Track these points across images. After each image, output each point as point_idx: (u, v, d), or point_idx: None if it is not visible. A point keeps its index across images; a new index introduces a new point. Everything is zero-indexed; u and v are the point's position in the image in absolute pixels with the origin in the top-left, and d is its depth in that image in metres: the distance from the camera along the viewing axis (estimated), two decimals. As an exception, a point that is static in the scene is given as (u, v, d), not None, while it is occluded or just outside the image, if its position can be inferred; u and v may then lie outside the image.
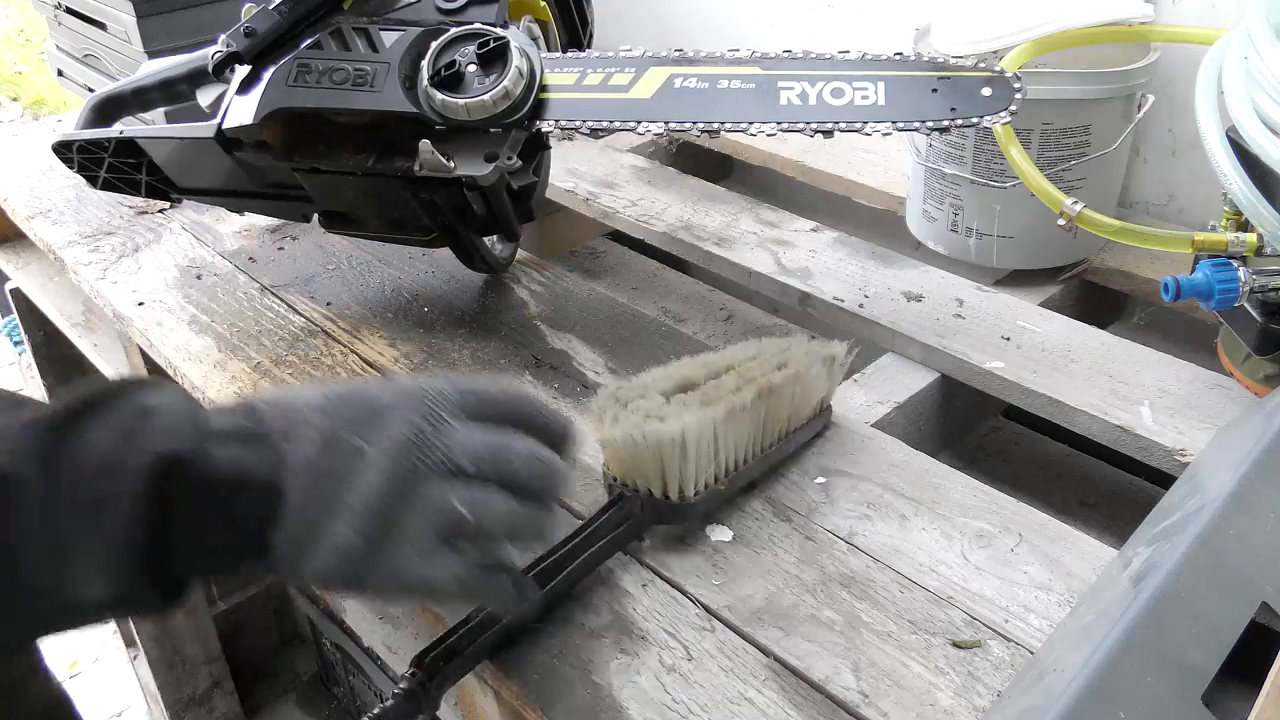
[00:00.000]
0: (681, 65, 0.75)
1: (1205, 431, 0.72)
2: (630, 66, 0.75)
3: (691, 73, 0.74)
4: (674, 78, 0.74)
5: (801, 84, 0.73)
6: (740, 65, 0.74)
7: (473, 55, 0.74)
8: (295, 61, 0.77)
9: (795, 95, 0.73)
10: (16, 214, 1.14)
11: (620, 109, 0.74)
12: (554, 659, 0.57)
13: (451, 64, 0.74)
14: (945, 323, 0.86)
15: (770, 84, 0.73)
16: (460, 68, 0.73)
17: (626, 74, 0.75)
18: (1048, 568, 0.61)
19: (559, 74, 0.76)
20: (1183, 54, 0.93)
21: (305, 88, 0.76)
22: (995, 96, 0.71)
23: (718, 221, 1.05)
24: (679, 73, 0.74)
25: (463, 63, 0.74)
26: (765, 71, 0.74)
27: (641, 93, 0.74)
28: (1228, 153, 0.70)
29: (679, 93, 0.74)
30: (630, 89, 0.75)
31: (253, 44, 0.78)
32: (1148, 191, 1.03)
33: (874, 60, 0.73)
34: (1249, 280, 0.70)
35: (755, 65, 0.74)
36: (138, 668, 1.72)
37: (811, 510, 0.67)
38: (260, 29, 0.78)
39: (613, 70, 0.75)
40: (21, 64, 4.36)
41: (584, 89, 0.75)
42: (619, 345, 0.84)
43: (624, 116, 0.74)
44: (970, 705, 0.53)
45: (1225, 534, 0.49)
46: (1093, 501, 0.85)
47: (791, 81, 0.73)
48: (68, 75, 1.38)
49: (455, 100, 0.73)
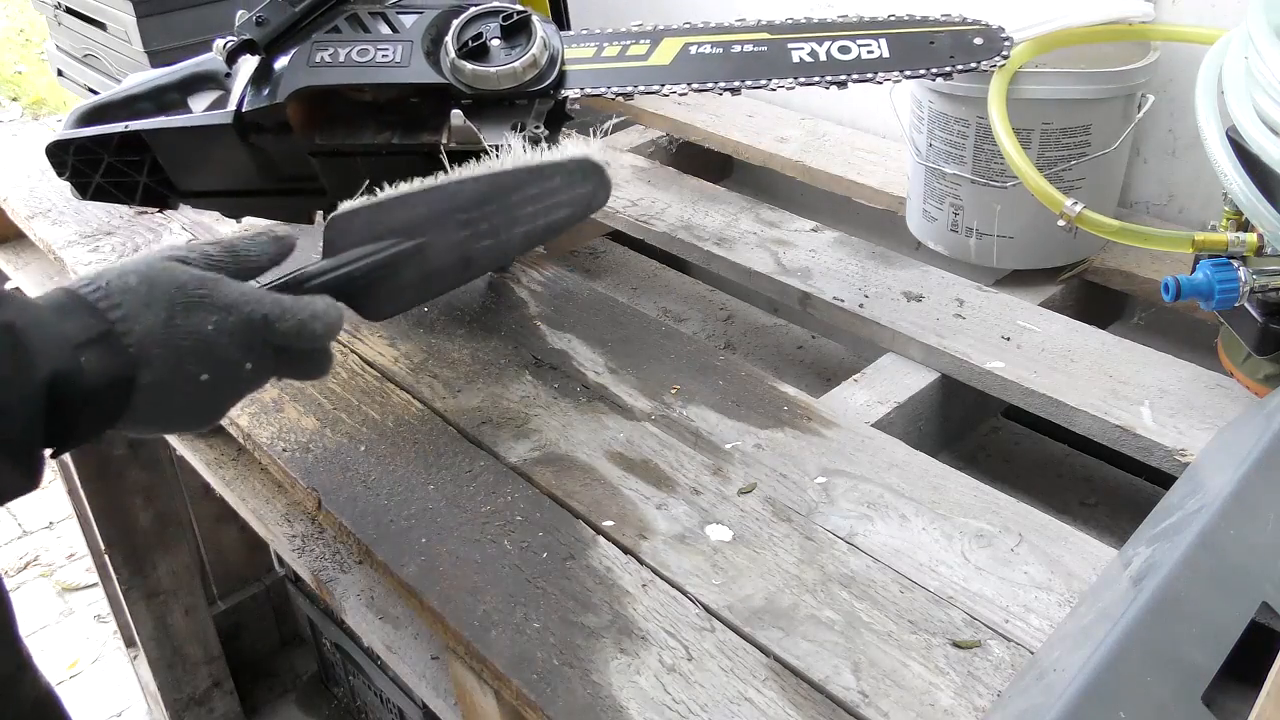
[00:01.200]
0: (694, 35, 0.79)
1: (1205, 431, 0.72)
2: (645, 39, 0.79)
3: (705, 40, 0.78)
4: (689, 45, 0.78)
5: (810, 44, 0.78)
6: (750, 32, 0.79)
7: (497, 29, 0.76)
8: (313, 45, 0.78)
9: (806, 54, 0.78)
10: (16, 214, 1.14)
11: (642, 75, 0.78)
12: (554, 659, 0.57)
13: (478, 36, 0.76)
14: (945, 323, 0.86)
15: (780, 46, 0.78)
16: (486, 40, 0.76)
17: (642, 45, 0.79)
18: (1048, 568, 0.61)
19: (577, 48, 0.79)
20: (1183, 54, 0.92)
21: (328, 67, 0.77)
22: (986, 46, 0.79)
23: (718, 221, 1.05)
24: (693, 40, 0.78)
25: (488, 35, 0.76)
26: (774, 36, 0.78)
27: (660, 59, 0.78)
28: (1228, 153, 0.70)
29: (696, 58, 0.78)
30: (649, 57, 0.78)
31: (266, 32, 0.79)
32: (1148, 191, 1.03)
33: (873, 21, 0.79)
34: (1249, 280, 0.70)
35: (764, 31, 0.79)
36: (138, 668, 1.72)
37: (811, 510, 0.67)
38: (273, 18, 0.79)
39: (628, 42, 0.79)
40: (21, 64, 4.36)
41: (604, 60, 0.79)
42: (619, 345, 0.84)
43: (647, 81, 0.78)
44: (970, 705, 0.53)
45: (1225, 534, 0.49)
46: (1093, 501, 0.85)
47: (800, 43, 0.78)
48: (68, 75, 1.38)
49: (486, 70, 0.75)
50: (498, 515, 0.68)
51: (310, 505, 0.72)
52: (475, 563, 0.64)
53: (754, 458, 0.71)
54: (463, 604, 0.61)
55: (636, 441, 0.73)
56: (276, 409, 0.79)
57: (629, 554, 0.64)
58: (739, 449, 0.72)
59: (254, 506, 0.90)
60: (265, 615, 1.83)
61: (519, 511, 0.68)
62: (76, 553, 2.11)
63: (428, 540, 0.66)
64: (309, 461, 0.74)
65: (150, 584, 1.58)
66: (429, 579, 0.63)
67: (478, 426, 0.76)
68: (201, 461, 0.98)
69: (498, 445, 0.74)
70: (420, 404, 0.79)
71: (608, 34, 0.80)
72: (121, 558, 1.54)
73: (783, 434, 0.73)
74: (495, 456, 0.73)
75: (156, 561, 1.58)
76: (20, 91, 4.21)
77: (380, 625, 0.82)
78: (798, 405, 0.76)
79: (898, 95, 0.99)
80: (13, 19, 4.73)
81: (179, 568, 1.60)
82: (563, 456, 0.72)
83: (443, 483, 0.71)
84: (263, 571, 1.80)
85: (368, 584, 0.83)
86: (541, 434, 0.75)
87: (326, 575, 0.83)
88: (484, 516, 0.68)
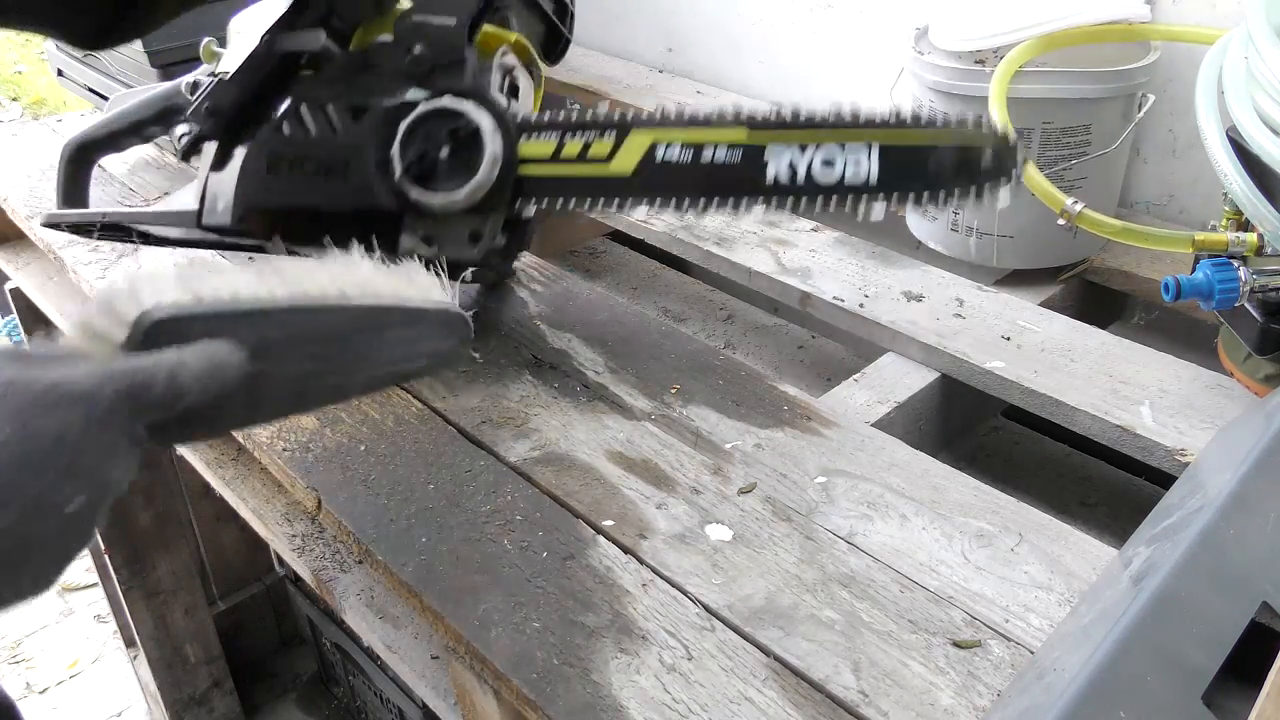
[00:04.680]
0: (664, 129, 0.70)
1: (1205, 431, 0.72)
2: (610, 131, 0.71)
3: (676, 137, 0.69)
4: (656, 145, 0.69)
5: (790, 154, 0.68)
6: (727, 128, 0.69)
7: (444, 141, 0.71)
8: (265, 150, 0.74)
9: (784, 168, 0.68)
10: (16, 214, 1.14)
11: (603, 187, 0.71)
12: (554, 659, 0.57)
13: (423, 155, 0.71)
14: (945, 322, 0.86)
15: (756, 155, 0.68)
16: (431, 157, 0.71)
17: (606, 141, 0.71)
18: (1048, 568, 0.61)
19: (537, 141, 0.72)
20: (1183, 54, 0.93)
21: (279, 179, 0.74)
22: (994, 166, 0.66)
23: (717, 221, 1.05)
24: (662, 138, 0.69)
25: (433, 151, 0.71)
26: (752, 137, 0.68)
27: (623, 165, 0.70)
28: (1228, 152, 0.70)
29: (662, 166, 0.70)
30: (611, 161, 0.70)
31: (217, 123, 0.76)
32: (1148, 191, 1.03)
33: (867, 121, 0.67)
34: (1249, 280, 0.70)
35: (743, 127, 0.68)
36: (138, 668, 1.72)
37: (811, 510, 0.67)
38: (222, 105, 0.75)
39: (591, 136, 0.71)
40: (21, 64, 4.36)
41: (563, 161, 0.72)
42: (619, 345, 0.84)
43: (608, 195, 0.71)
44: (970, 705, 0.53)
45: (1225, 534, 0.49)
46: (1093, 501, 0.85)
47: (781, 149, 0.68)
48: (68, 75, 1.37)
49: (431, 197, 0.71)
50: (498, 515, 0.68)
51: (310, 505, 0.72)
52: (475, 562, 0.64)
53: (754, 457, 0.71)
54: (462, 604, 0.61)
55: (636, 441, 0.73)
56: (276, 409, 0.79)
57: (629, 553, 0.64)
58: (739, 449, 0.72)
59: (254, 506, 0.91)
60: (265, 615, 1.83)
61: (519, 511, 0.68)
62: (76, 553, 2.11)
63: (427, 540, 0.66)
64: (309, 461, 0.74)
65: (150, 584, 1.58)
66: (429, 579, 0.63)
67: (478, 426, 0.76)
68: (201, 461, 0.98)
69: (498, 445, 0.74)
70: (420, 403, 0.79)
71: (572, 119, 0.72)
72: (121, 558, 1.54)
73: (783, 434, 0.73)
74: (495, 456, 0.73)
75: (156, 561, 1.58)
76: (20, 91, 4.21)
77: (380, 625, 0.82)
78: (798, 405, 0.76)
79: (898, 94, 0.99)
80: (13, 19, 4.72)
81: (179, 568, 1.61)
82: (563, 456, 0.72)
83: (442, 482, 0.71)
84: (263, 571, 1.80)
85: (368, 584, 0.83)
86: (541, 433, 0.75)
87: (326, 575, 0.83)
88: (484, 516, 0.68)
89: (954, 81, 0.90)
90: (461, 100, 0.71)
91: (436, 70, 0.72)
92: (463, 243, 0.73)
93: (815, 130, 0.67)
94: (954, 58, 0.91)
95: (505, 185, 0.72)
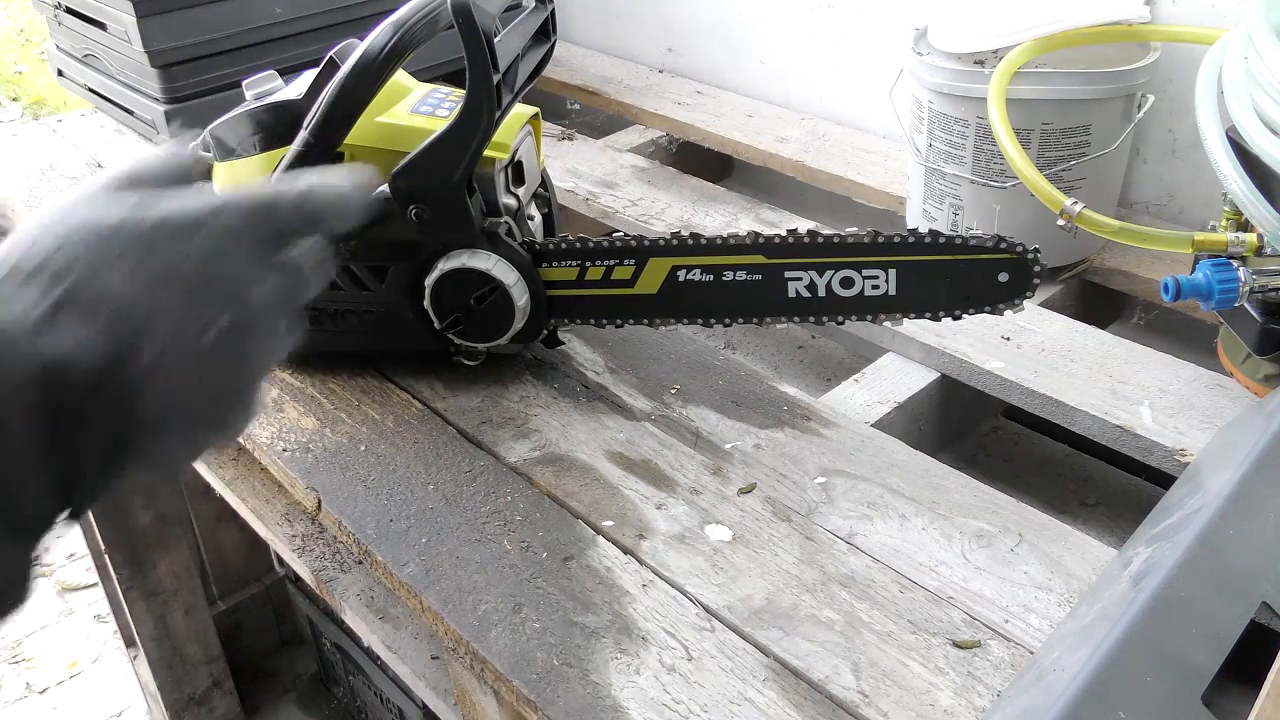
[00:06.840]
0: (682, 256, 0.72)
1: (1205, 431, 0.72)
2: (629, 259, 0.73)
3: (695, 263, 0.71)
4: (677, 269, 0.72)
5: (809, 274, 0.70)
6: (743, 254, 0.70)
7: (472, 298, 0.73)
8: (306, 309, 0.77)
9: (804, 286, 0.70)
10: (17, 214, 1.14)
11: (631, 307, 0.75)
12: (554, 659, 0.57)
13: (455, 310, 0.74)
14: (945, 322, 0.86)
15: (776, 274, 0.70)
16: (464, 314, 0.74)
17: (627, 267, 0.73)
18: (1048, 568, 0.61)
19: (559, 267, 0.74)
20: (1183, 54, 0.92)
21: (324, 331, 0.78)
22: (1011, 284, 0.68)
23: (718, 221, 1.05)
24: (681, 264, 0.72)
25: (463, 312, 0.74)
26: (770, 260, 0.70)
27: (647, 287, 0.73)
28: (1228, 153, 0.70)
29: (686, 285, 0.72)
30: (635, 284, 0.73)
31: None
32: (1148, 191, 1.03)
33: (886, 244, 0.68)
34: (1249, 280, 0.70)
35: (760, 253, 0.70)
36: (138, 668, 1.72)
37: (811, 510, 0.67)
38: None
39: (613, 263, 0.73)
40: (21, 64, 4.36)
41: (587, 284, 0.74)
42: (619, 345, 0.84)
43: (635, 314, 0.75)
44: (970, 705, 0.53)
45: (1225, 534, 0.49)
46: (1093, 501, 0.85)
47: (799, 271, 0.70)
48: (68, 75, 1.37)
49: (475, 342, 0.77)
50: (497, 515, 0.68)
51: (310, 505, 0.72)
52: (475, 562, 0.64)
53: (754, 458, 0.71)
54: (462, 604, 0.61)
55: (636, 441, 0.73)
56: (277, 409, 0.79)
57: (629, 554, 0.64)
58: (739, 449, 0.72)
59: (254, 506, 0.91)
60: (265, 615, 1.83)
61: (519, 511, 0.68)
62: (76, 552, 2.11)
63: (427, 540, 0.66)
64: (309, 461, 0.74)
65: (150, 584, 1.58)
66: (429, 579, 0.63)
67: (477, 426, 0.76)
68: (201, 461, 0.98)
69: (497, 445, 0.74)
70: (420, 404, 0.79)
71: (589, 248, 0.73)
72: (121, 557, 1.54)
73: (782, 434, 0.73)
74: (495, 456, 0.73)
75: (156, 561, 1.58)
76: (20, 91, 4.21)
77: (380, 625, 0.82)
78: (798, 405, 0.76)
79: (897, 95, 0.99)
80: (13, 19, 4.73)
81: (179, 568, 1.61)
82: (562, 456, 0.72)
83: (442, 483, 0.71)
84: (263, 571, 1.80)
85: (367, 584, 0.83)
86: (541, 434, 0.75)
87: (326, 575, 0.83)
88: (484, 516, 0.68)
89: (953, 82, 0.90)
90: (476, 254, 0.73)
91: (440, 225, 0.72)
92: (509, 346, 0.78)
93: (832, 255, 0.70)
94: (953, 59, 0.91)
95: (540, 320, 0.76)
